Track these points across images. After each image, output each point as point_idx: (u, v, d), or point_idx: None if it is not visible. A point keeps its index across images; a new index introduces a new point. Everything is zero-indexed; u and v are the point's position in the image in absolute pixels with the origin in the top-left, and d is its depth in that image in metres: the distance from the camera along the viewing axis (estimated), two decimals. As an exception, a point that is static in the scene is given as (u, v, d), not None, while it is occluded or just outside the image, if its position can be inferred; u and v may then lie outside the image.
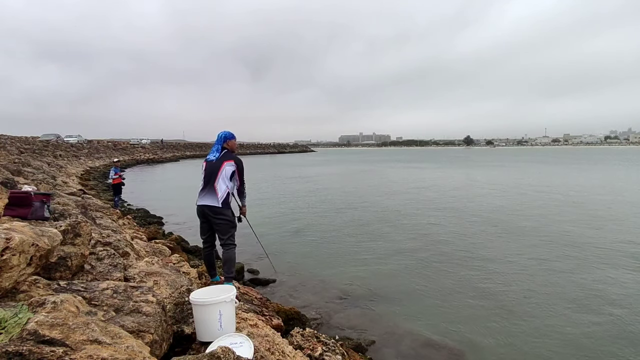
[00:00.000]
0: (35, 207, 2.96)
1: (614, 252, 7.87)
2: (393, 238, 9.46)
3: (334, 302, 5.72)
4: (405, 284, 6.38)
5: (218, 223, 3.75)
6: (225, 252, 3.78)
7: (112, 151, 48.76)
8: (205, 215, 3.79)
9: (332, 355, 3.20)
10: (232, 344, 2.19)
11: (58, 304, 1.72)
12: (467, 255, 7.83)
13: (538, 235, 9.41)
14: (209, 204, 3.71)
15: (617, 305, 5.38)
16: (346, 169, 39.04)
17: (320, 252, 8.42)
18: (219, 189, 3.72)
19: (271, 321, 3.66)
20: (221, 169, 3.76)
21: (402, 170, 36.40)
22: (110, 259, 2.96)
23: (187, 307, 2.70)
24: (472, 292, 5.95)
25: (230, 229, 3.79)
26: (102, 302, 2.12)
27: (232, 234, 3.80)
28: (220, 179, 3.74)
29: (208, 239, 3.91)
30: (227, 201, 3.78)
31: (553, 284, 6.23)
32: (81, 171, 27.46)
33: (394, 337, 4.65)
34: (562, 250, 8.03)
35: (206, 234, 3.90)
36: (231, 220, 3.80)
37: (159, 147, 70.25)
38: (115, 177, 11.36)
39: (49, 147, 33.67)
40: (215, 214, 3.72)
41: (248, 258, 7.69)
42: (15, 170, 7.70)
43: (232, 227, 3.81)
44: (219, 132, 4.02)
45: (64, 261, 2.42)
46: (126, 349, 1.56)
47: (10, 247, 1.75)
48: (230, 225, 3.79)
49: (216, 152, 3.89)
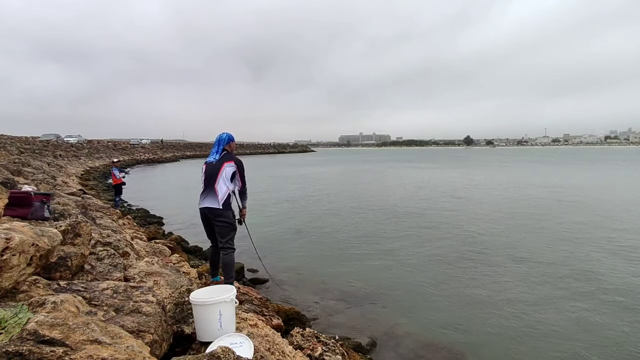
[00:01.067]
0: (35, 207, 2.96)
1: (619, 251, 7.87)
2: (393, 238, 9.46)
3: (334, 302, 5.72)
4: (406, 284, 6.38)
5: (218, 225, 3.73)
6: (224, 256, 3.74)
7: (112, 151, 48.77)
8: (207, 218, 3.77)
9: (332, 355, 3.20)
10: (232, 344, 2.19)
11: (58, 304, 1.72)
12: (468, 256, 7.83)
13: (539, 235, 9.40)
14: (209, 206, 3.70)
15: (623, 307, 5.38)
16: (346, 169, 39.04)
17: (320, 252, 8.42)
18: (219, 190, 3.70)
19: (271, 321, 3.66)
20: (221, 170, 3.73)
21: (402, 170, 36.40)
22: (110, 259, 2.96)
23: (187, 307, 2.69)
24: (472, 292, 5.95)
25: (230, 231, 3.76)
26: (102, 302, 2.12)
27: (231, 237, 3.78)
28: (220, 180, 3.72)
29: (215, 240, 3.91)
30: (228, 202, 3.76)
31: (554, 284, 6.22)
32: (81, 171, 27.46)
33: (394, 338, 4.65)
34: (563, 251, 8.02)
35: (212, 236, 3.91)
36: (231, 222, 3.78)
37: (159, 147, 70.27)
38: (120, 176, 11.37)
39: (49, 147, 33.67)
40: (215, 215, 3.70)
41: (248, 258, 7.69)
42: (15, 170, 7.70)
43: (232, 229, 3.78)
44: (220, 134, 3.99)
45: (64, 261, 2.42)
46: (126, 349, 1.56)
47: (10, 247, 1.75)
48: (231, 228, 3.77)
49: (216, 154, 3.86)
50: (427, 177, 27.11)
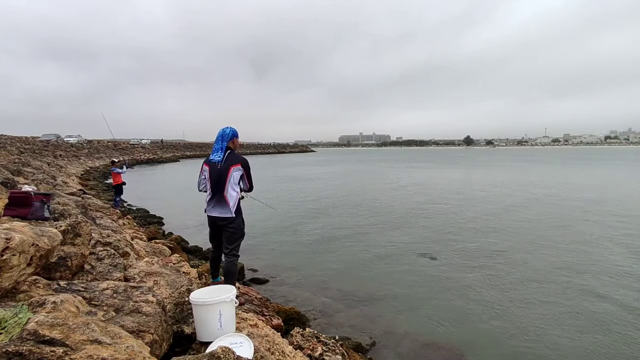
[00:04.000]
0: (35, 207, 2.96)
1: (622, 252, 7.87)
2: (393, 238, 9.46)
3: (334, 302, 5.72)
4: (406, 284, 6.37)
5: (228, 232, 3.58)
6: (228, 262, 3.61)
7: (112, 151, 48.74)
8: (216, 225, 3.63)
9: (332, 355, 3.20)
10: (232, 344, 2.19)
11: (58, 304, 1.72)
12: (468, 256, 7.83)
13: (539, 235, 9.40)
14: (221, 215, 3.53)
15: (622, 307, 5.38)
16: (346, 169, 39.04)
17: (320, 251, 8.41)
18: (229, 197, 3.51)
19: (271, 321, 3.65)
20: (229, 176, 3.51)
21: (402, 170, 36.40)
22: (110, 259, 2.96)
23: (187, 307, 2.69)
24: (472, 292, 5.95)
25: (238, 238, 3.63)
26: (102, 302, 2.12)
27: (238, 244, 3.65)
28: (229, 186, 3.51)
29: (218, 245, 3.78)
30: (239, 208, 3.62)
31: (554, 284, 6.23)
32: (81, 171, 27.46)
33: (394, 337, 4.65)
34: (563, 250, 8.03)
35: (215, 240, 3.78)
36: (241, 229, 3.65)
37: (158, 147, 70.27)
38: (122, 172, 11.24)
39: (49, 147, 33.68)
40: (228, 223, 3.55)
41: (248, 257, 7.69)
42: (15, 170, 7.70)
43: (240, 236, 3.66)
44: (223, 129, 3.67)
45: (64, 261, 2.42)
46: (126, 349, 1.56)
47: (10, 247, 1.75)
48: (239, 235, 3.64)
49: (220, 152, 3.58)
50: (426, 177, 27.13)
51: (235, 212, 3.54)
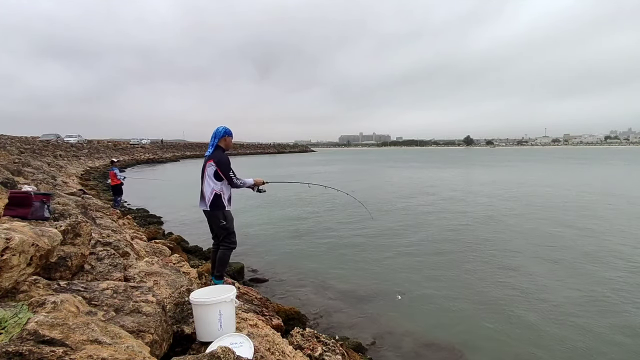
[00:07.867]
0: (35, 207, 2.96)
1: (622, 253, 7.86)
2: (393, 238, 9.45)
3: (334, 302, 5.71)
4: (406, 284, 6.37)
5: (211, 224, 3.87)
6: (220, 250, 3.84)
7: (112, 151, 48.76)
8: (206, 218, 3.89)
9: (332, 355, 3.20)
10: (232, 344, 2.19)
11: (58, 304, 1.72)
12: (468, 256, 7.82)
13: (539, 235, 9.40)
14: (202, 208, 3.81)
15: (625, 310, 5.38)
16: (346, 169, 39.03)
17: (320, 251, 8.41)
18: (206, 191, 3.75)
19: (271, 321, 3.66)
20: (205, 170, 3.77)
21: (402, 170, 36.38)
22: (110, 259, 2.96)
23: (187, 307, 2.69)
24: (472, 292, 5.94)
25: (222, 230, 3.80)
26: (102, 302, 2.12)
27: (225, 235, 3.82)
28: (206, 181, 3.76)
29: (215, 238, 4.00)
30: (216, 203, 3.73)
31: (554, 284, 6.22)
32: (81, 171, 27.45)
33: (394, 337, 4.65)
34: (564, 250, 8.02)
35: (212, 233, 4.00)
36: (220, 221, 3.77)
37: (158, 147, 70.28)
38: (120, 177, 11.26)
39: (49, 147, 33.67)
40: (207, 216, 3.83)
41: (248, 257, 7.69)
42: (15, 170, 7.69)
43: (223, 228, 3.79)
44: (217, 128, 3.88)
45: (64, 261, 2.42)
46: (126, 349, 1.56)
47: (10, 247, 1.75)
48: (222, 227, 3.78)
49: (210, 149, 3.83)
50: (427, 177, 27.11)
51: (211, 205, 3.72)
